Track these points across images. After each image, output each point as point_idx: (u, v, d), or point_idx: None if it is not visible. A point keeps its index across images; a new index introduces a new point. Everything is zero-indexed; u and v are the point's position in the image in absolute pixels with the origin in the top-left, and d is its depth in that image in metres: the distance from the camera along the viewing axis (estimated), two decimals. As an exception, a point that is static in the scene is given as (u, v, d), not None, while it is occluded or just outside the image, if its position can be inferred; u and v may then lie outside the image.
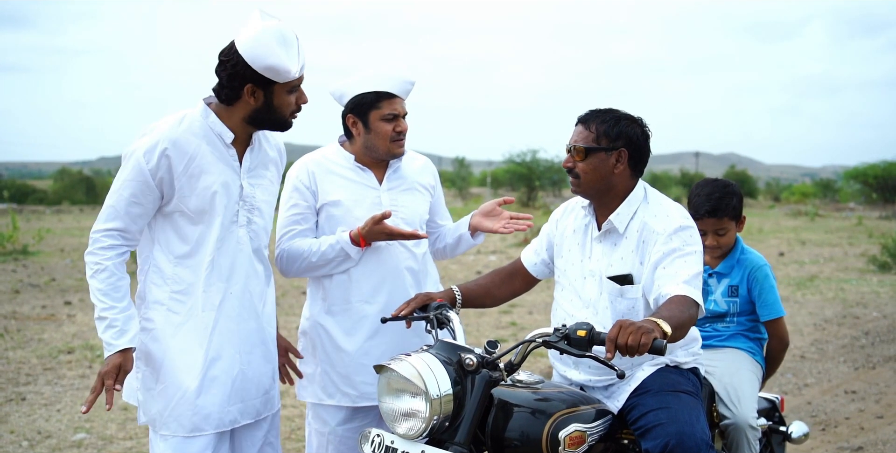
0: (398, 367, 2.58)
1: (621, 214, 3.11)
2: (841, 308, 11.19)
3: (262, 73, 2.95)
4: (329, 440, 3.48)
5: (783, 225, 27.74)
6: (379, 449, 2.62)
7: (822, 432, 6.04)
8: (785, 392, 7.13)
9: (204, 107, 3.08)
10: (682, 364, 3.19)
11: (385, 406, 2.66)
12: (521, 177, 40.15)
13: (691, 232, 3.04)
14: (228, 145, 3.08)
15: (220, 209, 3.05)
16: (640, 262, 3.05)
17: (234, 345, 3.10)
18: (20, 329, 9.30)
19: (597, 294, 3.12)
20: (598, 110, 3.17)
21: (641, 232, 3.06)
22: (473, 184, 63.54)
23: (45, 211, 30.81)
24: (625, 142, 3.08)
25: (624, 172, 3.11)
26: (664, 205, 3.14)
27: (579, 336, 2.55)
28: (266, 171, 3.23)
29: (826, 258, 17.33)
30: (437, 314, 3.08)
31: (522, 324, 9.77)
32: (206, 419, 3.03)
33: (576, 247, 3.24)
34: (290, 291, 12.34)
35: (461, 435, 2.59)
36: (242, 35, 2.97)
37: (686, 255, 2.96)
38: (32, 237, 18.06)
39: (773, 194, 56.96)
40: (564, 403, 2.80)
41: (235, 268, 3.11)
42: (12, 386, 6.96)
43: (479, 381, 2.62)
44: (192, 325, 3.04)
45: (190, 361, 3.02)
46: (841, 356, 8.47)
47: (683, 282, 2.88)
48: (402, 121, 3.48)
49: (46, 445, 5.51)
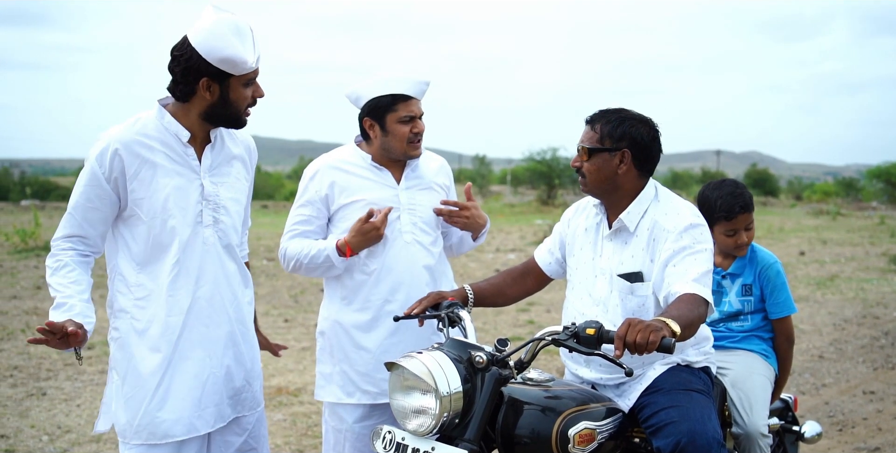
0: (409, 365, 2.60)
1: (631, 213, 3.13)
2: (861, 308, 11.12)
3: (217, 66, 2.89)
4: (346, 437, 3.50)
5: (804, 224, 27.56)
6: (390, 446, 2.65)
7: (840, 432, 6.02)
8: (802, 392, 7.10)
9: (159, 107, 3.02)
10: (693, 363, 3.20)
11: (396, 403, 2.68)
12: (541, 175, 40.05)
13: (702, 229, 3.06)
14: (186, 144, 3.02)
15: (177, 211, 2.99)
16: (651, 260, 3.07)
17: (204, 349, 3.04)
18: (41, 325, 9.37)
19: (607, 292, 3.14)
20: (605, 110, 3.19)
21: (652, 230, 3.08)
22: (494, 182, 63.45)
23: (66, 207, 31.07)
24: (628, 142, 3.10)
25: (629, 172, 3.12)
26: (675, 204, 3.16)
27: (588, 334, 2.57)
28: (230, 168, 3.17)
29: (847, 257, 17.21)
30: (448, 312, 3.11)
31: (540, 323, 9.78)
32: (176, 424, 2.97)
33: (587, 245, 3.26)
34: (309, 288, 12.39)
35: (471, 431, 2.61)
36: (195, 29, 2.91)
37: (696, 253, 2.98)
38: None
39: (794, 193, 56.55)
40: (574, 401, 2.82)
41: (204, 270, 3.05)
42: (33, 382, 7.04)
43: (489, 379, 2.64)
44: (155, 331, 2.98)
45: (154, 368, 2.97)
46: (860, 356, 8.42)
47: (693, 280, 2.90)
48: (419, 122, 3.49)
49: (66, 439, 5.57)
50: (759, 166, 64.91)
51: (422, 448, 2.57)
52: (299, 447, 5.55)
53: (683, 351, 3.18)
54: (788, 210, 37.94)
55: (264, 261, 15.38)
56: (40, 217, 18.74)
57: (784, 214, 33.65)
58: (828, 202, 41.60)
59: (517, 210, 33.66)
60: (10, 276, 13.08)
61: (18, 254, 16.09)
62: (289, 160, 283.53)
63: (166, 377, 2.98)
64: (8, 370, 7.38)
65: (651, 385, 3.09)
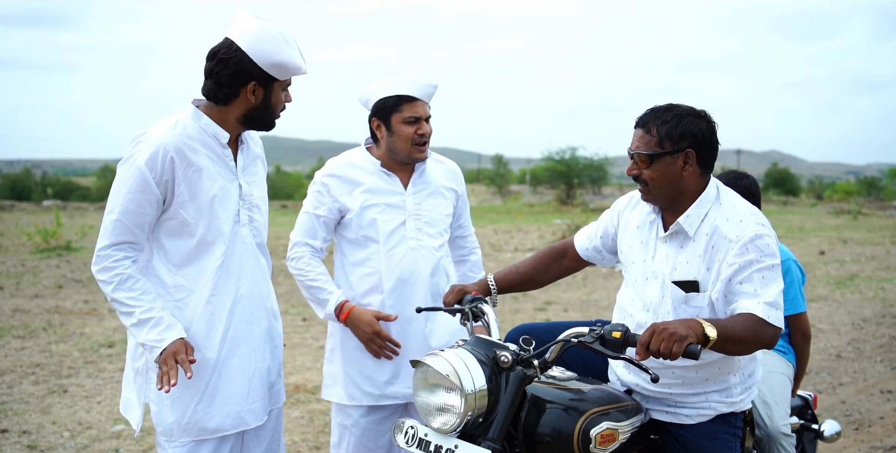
0: (433, 363, 2.59)
1: (691, 216, 2.87)
2: (881, 307, 11.06)
3: (266, 71, 2.93)
4: (352, 432, 3.58)
5: (825, 223, 27.40)
6: (412, 441, 2.64)
7: (856, 431, 6.01)
8: (819, 390, 7.08)
9: (194, 109, 3.03)
10: (735, 404, 2.97)
11: (420, 400, 2.65)
12: (560, 174, 40.05)
13: (768, 240, 2.79)
14: (224, 146, 3.05)
15: (221, 212, 3.03)
16: (707, 268, 2.82)
17: (248, 345, 3.10)
18: (63, 323, 9.50)
19: (658, 297, 2.92)
20: (656, 109, 2.92)
21: (712, 236, 2.83)
22: (512, 181, 63.43)
23: (88, 208, 31.19)
24: (690, 141, 2.84)
25: (694, 173, 2.87)
26: (738, 208, 2.89)
27: (614, 337, 2.52)
28: (256, 168, 3.22)
29: (868, 257, 17.11)
30: (472, 307, 3.09)
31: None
32: (226, 419, 3.03)
33: (638, 244, 3.04)
34: (327, 288, 12.45)
35: (494, 430, 2.59)
36: (241, 33, 2.92)
37: (764, 270, 2.73)
38: (76, 233, 18.35)
39: (815, 192, 56.22)
40: (597, 401, 2.79)
41: (244, 268, 3.10)
42: (55, 379, 7.12)
43: (514, 378, 2.62)
44: (198, 331, 3.01)
45: (201, 368, 3.00)
46: (878, 355, 8.39)
47: (766, 303, 2.68)
48: (425, 125, 3.53)
49: (87, 436, 5.64)
50: (779, 165, 64.59)
51: (445, 445, 2.56)
52: (316, 444, 5.60)
53: (727, 390, 2.95)
54: (809, 209, 37.73)
55: (283, 260, 15.47)
56: (62, 217, 18.92)
57: (805, 214, 33.47)
58: (849, 201, 41.32)
59: (536, 210, 33.65)
60: (33, 276, 13.22)
61: (40, 253, 16.26)
62: (308, 160, 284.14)
63: (214, 375, 3.03)
64: (30, 367, 7.47)
65: (680, 430, 2.97)
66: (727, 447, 2.95)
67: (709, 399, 2.93)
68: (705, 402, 2.93)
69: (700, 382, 2.91)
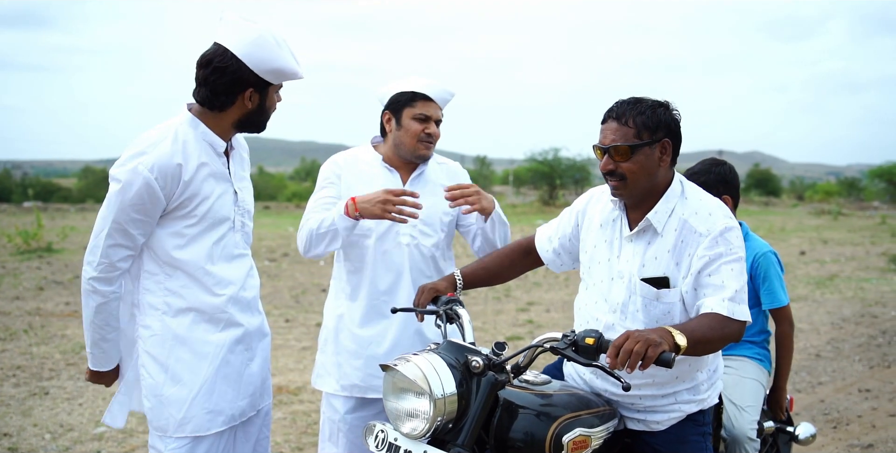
0: (403, 368, 2.57)
1: (659, 212, 2.82)
2: (860, 307, 11.17)
3: (263, 77, 2.93)
4: (339, 427, 3.60)
5: (806, 223, 27.58)
6: (382, 445, 2.62)
7: (834, 430, 6.07)
8: (798, 390, 7.15)
9: (191, 117, 3.02)
10: (703, 401, 2.97)
11: (390, 405, 2.63)
12: (543, 175, 40.11)
13: (735, 233, 2.79)
14: (220, 154, 3.06)
15: (220, 219, 3.06)
16: (677, 263, 2.79)
17: (244, 343, 3.15)
18: (44, 325, 9.46)
19: (625, 297, 2.86)
20: (626, 102, 2.84)
21: (680, 231, 2.79)
22: (496, 182, 63.50)
23: (69, 209, 31.02)
24: (665, 131, 2.79)
25: (666, 164, 2.83)
26: (704, 201, 2.86)
27: (587, 343, 2.47)
28: (244, 173, 3.24)
29: (847, 257, 17.25)
30: (446, 309, 3.06)
31: (539, 322, 9.83)
32: (219, 415, 3.07)
33: (602, 244, 2.97)
34: (310, 289, 12.46)
35: (464, 436, 2.57)
36: (233, 40, 2.90)
37: (732, 262, 2.73)
38: (57, 235, 18.27)
39: (796, 193, 56.54)
40: (570, 407, 2.75)
41: (236, 271, 3.14)
42: (36, 381, 7.10)
43: (485, 384, 2.59)
44: (195, 327, 3.05)
45: (199, 362, 3.04)
46: (856, 355, 8.47)
47: (728, 299, 2.67)
48: (434, 126, 3.56)
49: (68, 438, 5.62)
50: (761, 166, 64.90)
51: (414, 450, 2.54)
52: (299, 445, 5.61)
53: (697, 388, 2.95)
54: (790, 210, 37.97)
55: (266, 261, 15.45)
56: (42, 218, 18.82)
57: (786, 214, 33.69)
58: (829, 202, 41.62)
59: (519, 210, 33.70)
60: (13, 277, 13.15)
61: (21, 255, 16.17)
62: (291, 161, 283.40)
63: (214, 371, 3.07)
64: (11, 370, 7.44)
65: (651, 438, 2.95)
66: (699, 448, 2.95)
67: (678, 399, 2.92)
68: (674, 404, 2.92)
69: (671, 381, 2.89)
